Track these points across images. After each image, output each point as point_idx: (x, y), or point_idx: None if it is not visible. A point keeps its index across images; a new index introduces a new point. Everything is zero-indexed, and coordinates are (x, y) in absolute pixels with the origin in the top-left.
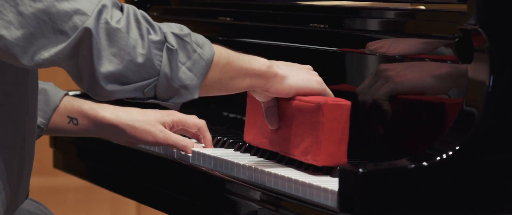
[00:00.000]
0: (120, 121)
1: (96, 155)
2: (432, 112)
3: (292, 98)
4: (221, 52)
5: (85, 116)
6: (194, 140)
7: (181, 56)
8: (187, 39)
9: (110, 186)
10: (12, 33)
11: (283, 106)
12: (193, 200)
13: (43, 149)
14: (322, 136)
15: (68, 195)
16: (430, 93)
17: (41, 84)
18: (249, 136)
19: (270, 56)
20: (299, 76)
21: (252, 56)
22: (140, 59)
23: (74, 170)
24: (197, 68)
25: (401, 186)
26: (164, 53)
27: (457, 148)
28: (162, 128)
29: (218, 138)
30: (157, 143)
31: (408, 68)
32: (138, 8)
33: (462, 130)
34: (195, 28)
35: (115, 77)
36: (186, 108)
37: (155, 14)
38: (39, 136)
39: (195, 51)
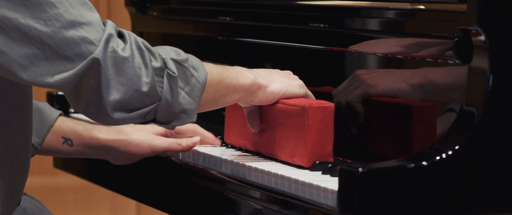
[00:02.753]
0: (113, 139)
1: None
2: (399, 113)
3: (275, 102)
4: (212, 72)
5: (80, 136)
6: (186, 139)
7: (181, 82)
8: (185, 64)
9: (110, 185)
10: (14, 50)
11: (265, 109)
12: (193, 199)
13: None
14: (308, 138)
15: (68, 195)
16: (401, 97)
17: (36, 104)
18: (230, 138)
19: (270, 56)
20: (281, 82)
21: (237, 69)
22: (145, 88)
23: (74, 170)
24: (194, 92)
25: (401, 186)
26: (165, 80)
27: (457, 148)
28: (155, 136)
29: (218, 137)
30: (154, 152)
31: (383, 74)
32: (138, 7)
33: (462, 130)
34: (195, 28)
35: (121, 106)
36: None
37: (155, 13)
38: (33, 155)
39: (192, 75)
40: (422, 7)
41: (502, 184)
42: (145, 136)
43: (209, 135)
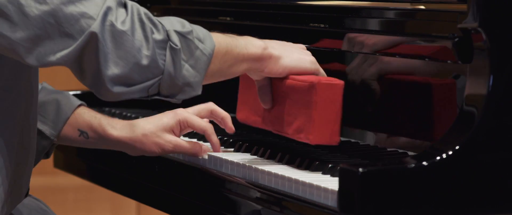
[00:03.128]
0: (128, 137)
1: (96, 155)
2: (420, 92)
3: (285, 77)
4: (220, 43)
5: (94, 131)
6: (202, 143)
7: (184, 55)
8: (189, 36)
9: (110, 185)
10: (17, 34)
11: (276, 85)
12: (194, 199)
13: None
14: (315, 114)
15: (68, 195)
16: (417, 74)
17: (55, 94)
18: (241, 114)
19: None
20: (293, 57)
21: (247, 38)
22: (145, 61)
23: (74, 170)
24: (199, 65)
25: (401, 186)
26: (168, 52)
27: (457, 148)
28: (169, 136)
29: (219, 137)
30: (167, 153)
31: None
32: None
33: (462, 129)
34: None
35: (121, 80)
36: (185, 106)
37: (155, 13)
38: (51, 149)
39: (197, 47)
40: (422, 7)
41: (502, 184)
42: (160, 140)
43: (214, 140)
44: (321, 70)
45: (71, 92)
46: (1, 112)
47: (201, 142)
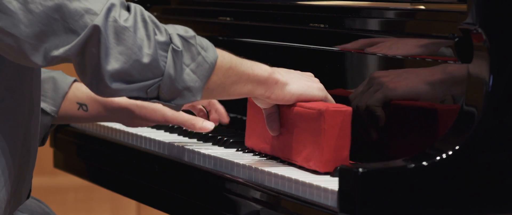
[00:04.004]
0: (129, 103)
1: (96, 155)
2: (425, 118)
3: (293, 104)
4: (224, 57)
5: (95, 100)
6: (200, 121)
7: (186, 58)
8: (192, 41)
9: (110, 185)
10: (22, 31)
11: (284, 112)
12: (194, 200)
13: (43, 149)
14: (324, 142)
15: (68, 195)
16: (423, 99)
17: (49, 72)
18: (250, 142)
19: (270, 56)
20: (300, 83)
21: (255, 62)
22: (146, 59)
23: (74, 170)
24: (200, 70)
25: (401, 186)
26: (169, 54)
27: (457, 148)
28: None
29: (218, 137)
30: (166, 121)
31: (401, 75)
32: None
33: (462, 130)
34: (195, 28)
35: (120, 76)
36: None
37: (155, 14)
38: (52, 126)
39: (199, 53)
40: (422, 7)
41: (502, 184)
42: (161, 106)
43: (220, 108)
44: (330, 97)
45: None
46: (5, 112)
47: (202, 119)
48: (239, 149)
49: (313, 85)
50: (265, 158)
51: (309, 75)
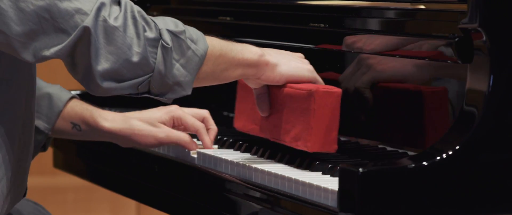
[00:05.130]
0: (120, 129)
1: (96, 155)
2: (412, 100)
3: (283, 85)
4: (214, 45)
5: (86, 124)
6: (195, 140)
7: (176, 54)
8: (181, 36)
9: (110, 185)
10: (12, 29)
11: (274, 93)
12: (194, 199)
13: None
14: (313, 122)
15: (68, 195)
16: (410, 81)
17: (46, 88)
18: (239, 123)
19: None
20: (290, 65)
21: (244, 45)
22: (135, 58)
23: (74, 170)
24: (190, 65)
25: (401, 186)
26: (159, 51)
27: (457, 148)
28: (163, 126)
29: (218, 137)
30: (160, 143)
31: (389, 57)
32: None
33: (462, 129)
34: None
35: (111, 75)
36: (186, 107)
37: (155, 13)
38: (45, 144)
39: (189, 48)
40: (422, 7)
41: (502, 184)
42: (153, 129)
43: (206, 140)
44: (319, 79)
45: (72, 92)
46: (3, 103)
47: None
48: (238, 149)
49: (303, 67)
50: (263, 158)
51: (299, 56)
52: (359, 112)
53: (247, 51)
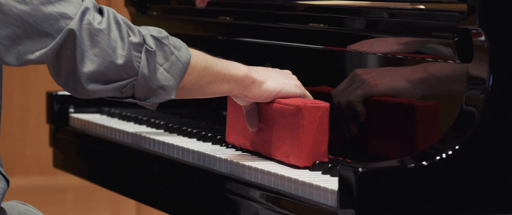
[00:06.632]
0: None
1: (96, 155)
2: (403, 113)
3: (272, 101)
4: (199, 56)
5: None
6: None
7: (159, 58)
8: (165, 41)
9: (110, 185)
10: None
11: (263, 109)
12: (193, 199)
13: (43, 149)
14: (303, 137)
15: (67, 195)
16: (403, 96)
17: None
18: (230, 137)
19: (270, 56)
20: (278, 81)
21: (231, 62)
22: (120, 60)
23: (74, 170)
24: (174, 70)
25: (401, 185)
26: (143, 55)
27: (457, 147)
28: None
29: (218, 137)
30: None
31: (383, 72)
32: (138, 7)
33: (462, 129)
34: (195, 28)
35: (96, 77)
36: (185, 107)
37: (154, 13)
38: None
39: (172, 53)
40: (422, 7)
41: (502, 184)
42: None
43: None
44: (307, 93)
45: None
46: None
47: None
48: (238, 149)
49: (290, 83)
50: (262, 157)
51: (287, 73)
52: (351, 126)
53: (233, 67)
